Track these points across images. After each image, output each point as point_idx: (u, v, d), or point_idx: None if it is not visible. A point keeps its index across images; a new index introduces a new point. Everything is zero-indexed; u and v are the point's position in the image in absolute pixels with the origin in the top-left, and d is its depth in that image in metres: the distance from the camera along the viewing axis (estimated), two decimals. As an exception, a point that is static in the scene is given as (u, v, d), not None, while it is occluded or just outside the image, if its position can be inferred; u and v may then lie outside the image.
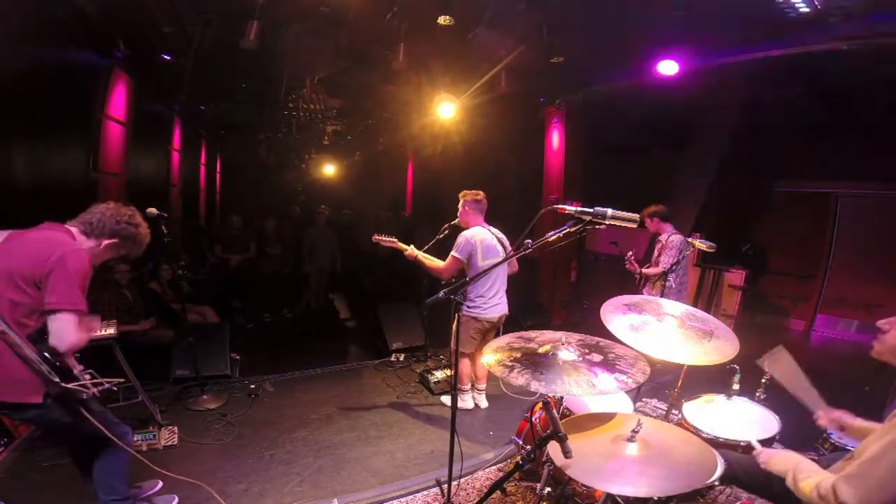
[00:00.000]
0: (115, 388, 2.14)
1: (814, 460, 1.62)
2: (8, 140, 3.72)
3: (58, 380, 1.94)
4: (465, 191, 3.84)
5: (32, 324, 1.95)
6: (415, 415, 4.01)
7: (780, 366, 1.99)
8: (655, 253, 4.77)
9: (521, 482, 2.81)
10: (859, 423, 1.82)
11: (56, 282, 1.91)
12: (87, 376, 2.08)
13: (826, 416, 1.89)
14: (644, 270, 4.76)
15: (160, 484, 2.81)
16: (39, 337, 1.95)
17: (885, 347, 1.58)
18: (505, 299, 3.83)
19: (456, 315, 2.41)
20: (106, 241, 2.14)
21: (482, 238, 3.66)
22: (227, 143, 11.94)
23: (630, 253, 4.89)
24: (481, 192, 3.82)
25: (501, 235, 3.81)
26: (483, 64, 5.61)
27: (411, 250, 3.88)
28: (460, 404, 3.91)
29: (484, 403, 4.09)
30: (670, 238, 4.57)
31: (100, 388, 2.06)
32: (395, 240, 3.93)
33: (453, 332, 3.79)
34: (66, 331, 1.94)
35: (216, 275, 7.18)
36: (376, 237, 4.00)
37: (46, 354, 1.93)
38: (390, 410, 4.08)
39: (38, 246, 1.96)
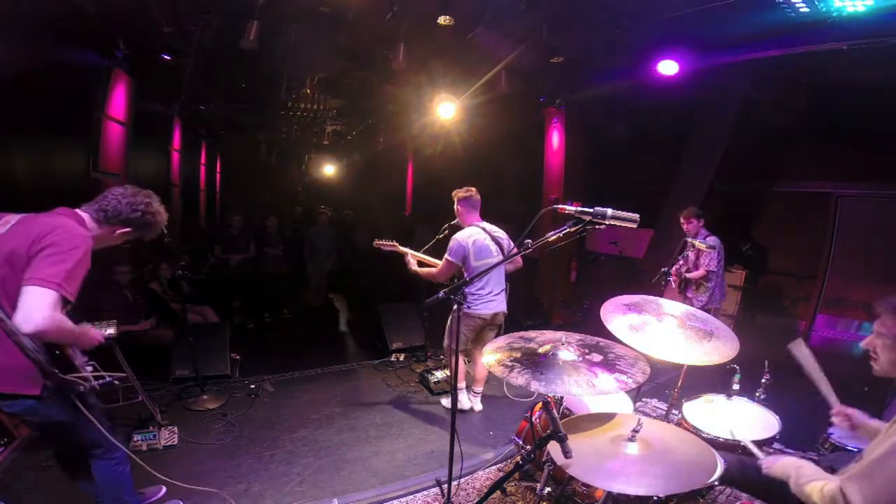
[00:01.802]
0: (116, 383, 2.07)
1: (814, 461, 1.62)
2: (8, 140, 3.73)
3: (55, 370, 1.86)
4: (457, 189, 3.85)
5: None
6: (415, 415, 4.01)
7: (804, 355, 1.99)
8: (692, 256, 4.71)
9: (521, 482, 2.80)
10: (874, 423, 1.80)
11: (42, 259, 1.75)
12: (90, 368, 2.03)
13: (840, 413, 1.88)
14: (687, 275, 4.64)
15: (164, 490, 2.79)
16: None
17: (881, 366, 1.59)
18: (502, 297, 3.79)
19: (452, 313, 2.39)
20: (119, 230, 2.06)
21: (475, 239, 3.66)
22: (227, 143, 11.95)
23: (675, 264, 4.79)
24: (472, 189, 3.81)
25: (499, 233, 3.80)
26: (483, 64, 5.61)
27: (410, 257, 3.89)
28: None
29: (478, 407, 4.06)
30: (706, 240, 4.55)
31: (101, 381, 2.00)
32: (395, 243, 3.97)
33: (447, 329, 3.82)
34: (32, 306, 1.69)
35: (216, 275, 7.18)
36: (377, 242, 4.03)
37: (44, 344, 1.84)
38: (390, 410, 4.09)
39: (40, 228, 1.84)
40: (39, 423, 1.96)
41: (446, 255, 3.68)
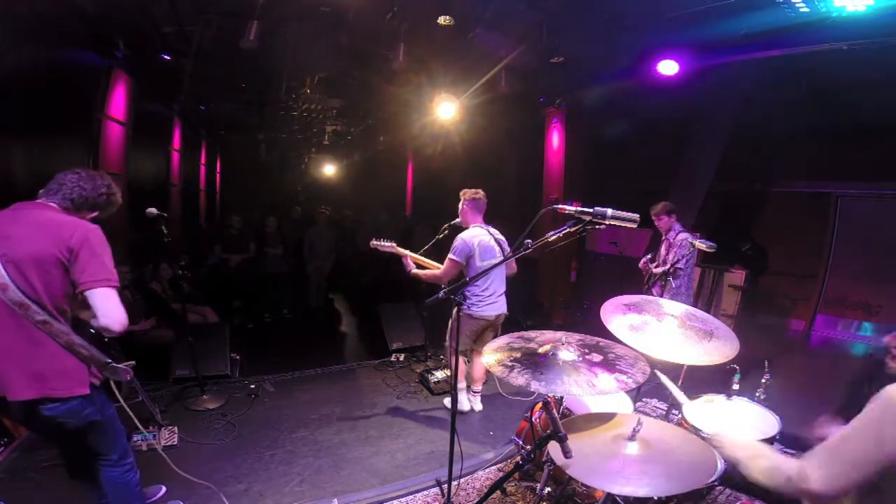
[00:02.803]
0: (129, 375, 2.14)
1: (764, 444, 1.58)
2: (8, 140, 3.72)
3: (109, 360, 1.93)
4: (466, 189, 3.84)
5: (70, 309, 1.92)
6: (415, 415, 4.01)
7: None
8: (663, 251, 4.72)
9: (521, 482, 2.80)
10: None
11: (86, 259, 1.86)
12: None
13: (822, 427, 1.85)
14: (654, 269, 4.68)
15: (163, 489, 2.80)
16: (77, 324, 1.95)
17: None
18: (503, 300, 3.80)
19: (454, 313, 2.39)
20: (90, 215, 2.08)
21: (480, 240, 3.65)
22: (227, 143, 11.97)
23: (648, 255, 4.85)
24: (481, 191, 3.81)
25: (500, 236, 3.80)
26: (483, 64, 5.61)
27: (409, 260, 3.80)
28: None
29: (478, 406, 4.06)
30: (679, 236, 4.54)
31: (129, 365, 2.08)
32: (394, 244, 3.84)
33: (450, 328, 3.81)
34: (112, 306, 1.88)
35: (216, 275, 7.18)
36: (374, 242, 3.87)
37: (93, 332, 1.93)
38: (390, 410, 4.08)
39: (58, 230, 1.86)
40: (75, 426, 1.95)
41: (450, 255, 3.65)
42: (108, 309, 1.87)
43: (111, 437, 2.11)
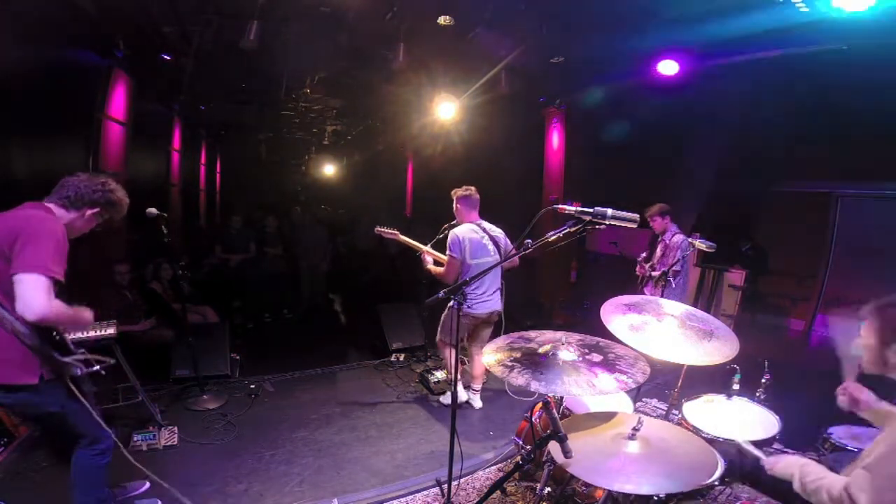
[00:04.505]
0: (102, 373, 2.14)
1: (815, 461, 1.62)
2: (8, 140, 3.72)
3: (53, 353, 1.94)
4: (456, 189, 3.86)
5: None
6: (415, 415, 4.01)
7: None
8: (658, 253, 4.73)
9: (521, 482, 2.80)
10: (884, 406, 1.78)
11: (21, 247, 1.84)
12: (80, 355, 2.10)
13: (849, 389, 1.86)
14: (652, 272, 4.70)
15: (147, 485, 2.79)
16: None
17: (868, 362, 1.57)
18: (497, 297, 3.79)
19: (447, 310, 2.39)
20: (89, 212, 2.16)
21: (470, 238, 3.68)
22: (227, 143, 11.95)
23: (643, 254, 4.84)
24: (471, 188, 3.83)
25: (497, 232, 3.80)
26: (483, 64, 5.60)
27: (426, 255, 3.90)
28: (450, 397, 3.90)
29: (478, 404, 4.07)
30: (674, 238, 4.55)
31: (91, 368, 2.07)
32: (396, 232, 4.04)
33: (442, 324, 3.83)
34: (31, 294, 1.80)
35: (216, 275, 7.18)
36: (378, 229, 4.13)
37: (39, 329, 1.91)
38: (390, 410, 4.08)
39: (11, 222, 1.93)
40: (34, 414, 2.04)
41: (448, 252, 3.69)
42: (25, 292, 1.79)
43: (76, 425, 2.14)
